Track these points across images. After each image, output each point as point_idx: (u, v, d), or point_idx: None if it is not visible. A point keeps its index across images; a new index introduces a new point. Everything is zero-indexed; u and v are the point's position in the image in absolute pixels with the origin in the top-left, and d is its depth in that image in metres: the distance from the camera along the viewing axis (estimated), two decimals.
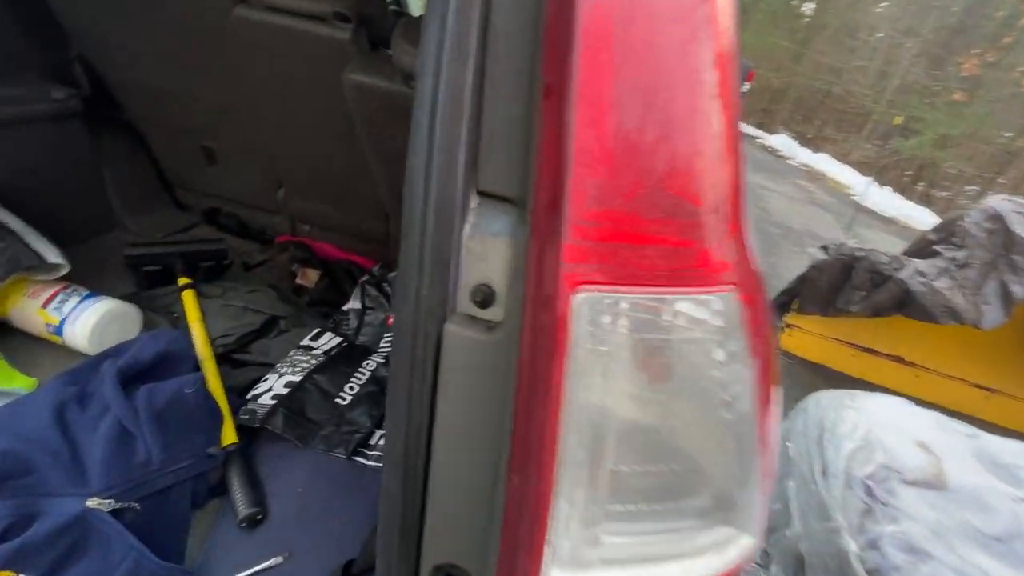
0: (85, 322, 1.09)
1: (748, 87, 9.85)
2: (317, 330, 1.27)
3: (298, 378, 1.10)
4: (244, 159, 1.48)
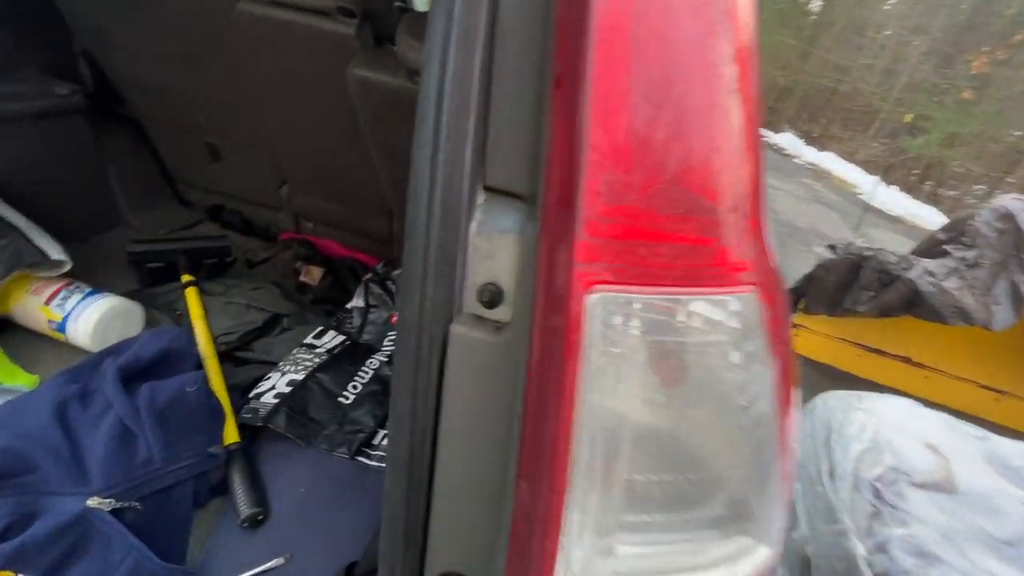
0: (88, 319, 1.08)
1: None
2: (320, 328, 1.26)
3: (301, 376, 1.09)
4: (248, 155, 1.47)
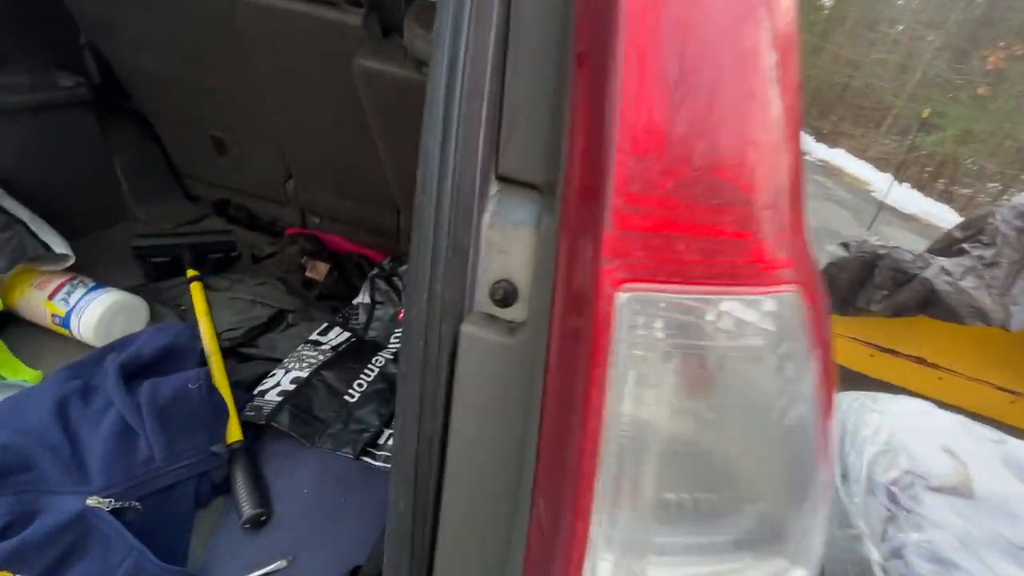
0: (92, 313, 1.07)
1: None
2: (325, 324, 1.24)
3: (305, 374, 1.07)
4: (254, 149, 1.46)
